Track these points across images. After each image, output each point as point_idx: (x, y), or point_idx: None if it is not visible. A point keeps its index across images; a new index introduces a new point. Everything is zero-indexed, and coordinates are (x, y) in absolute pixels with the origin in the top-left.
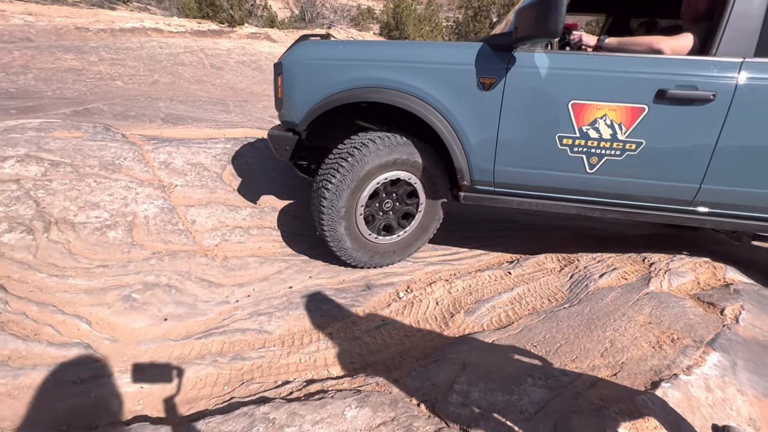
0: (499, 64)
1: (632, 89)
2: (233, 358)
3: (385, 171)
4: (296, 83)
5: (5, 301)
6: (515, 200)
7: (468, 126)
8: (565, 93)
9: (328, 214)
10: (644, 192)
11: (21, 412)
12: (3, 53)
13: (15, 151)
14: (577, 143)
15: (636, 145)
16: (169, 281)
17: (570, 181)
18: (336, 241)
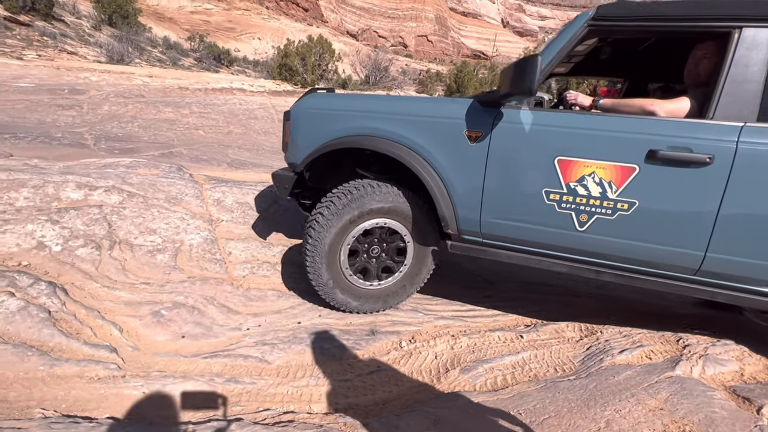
0: (485, 119)
1: (621, 148)
2: (228, 380)
3: (371, 218)
4: (300, 129)
5: (63, 302)
6: (503, 253)
7: (454, 176)
8: (551, 149)
9: (311, 255)
10: (642, 255)
11: (47, 395)
12: (120, 106)
13: (105, 182)
14: (565, 199)
15: (629, 205)
16: (195, 303)
17: (560, 238)
18: (319, 282)
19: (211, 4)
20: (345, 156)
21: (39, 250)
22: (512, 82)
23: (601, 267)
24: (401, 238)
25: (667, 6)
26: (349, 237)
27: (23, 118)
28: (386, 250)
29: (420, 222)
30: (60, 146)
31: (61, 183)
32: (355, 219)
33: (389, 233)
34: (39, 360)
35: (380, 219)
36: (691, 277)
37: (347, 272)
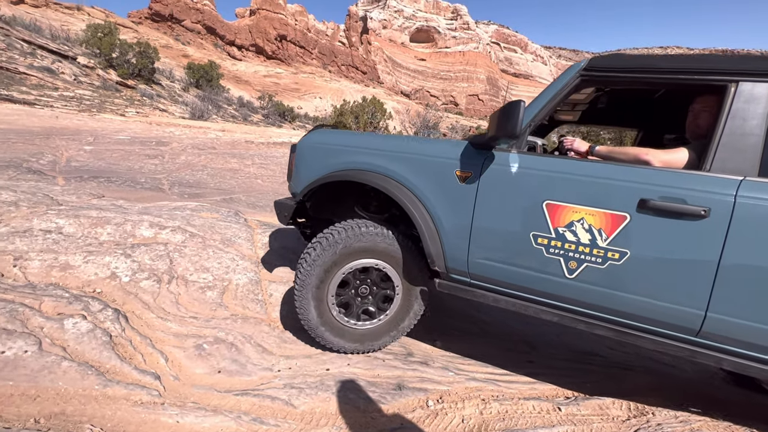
0: (476, 160)
1: (611, 195)
2: (254, 419)
3: (358, 258)
4: (302, 161)
5: (123, 328)
6: (491, 296)
7: (443, 214)
8: (539, 192)
9: (299, 292)
10: (636, 310)
11: (97, 413)
12: (194, 156)
13: (173, 223)
14: (554, 244)
15: (620, 255)
16: (234, 340)
17: (548, 284)
18: (306, 319)
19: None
20: (346, 190)
21: (111, 280)
22: (498, 125)
23: (592, 319)
24: (390, 279)
25: (663, 60)
26: (337, 275)
27: (117, 164)
28: (374, 290)
29: (408, 261)
30: (142, 189)
31: (138, 222)
32: (338, 261)
33: (378, 275)
34: (96, 379)
35: (370, 260)
36: (692, 339)
37: (334, 311)
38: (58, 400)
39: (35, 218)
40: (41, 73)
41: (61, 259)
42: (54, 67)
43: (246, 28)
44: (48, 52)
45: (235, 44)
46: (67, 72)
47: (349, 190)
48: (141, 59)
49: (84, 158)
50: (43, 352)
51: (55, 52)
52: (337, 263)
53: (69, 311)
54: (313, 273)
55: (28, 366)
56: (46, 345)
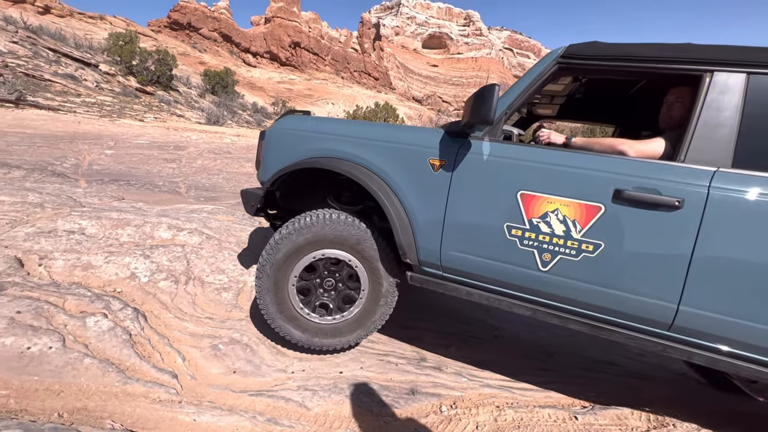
0: (449, 148)
1: (586, 186)
2: (269, 420)
3: (323, 248)
4: (270, 148)
5: (142, 327)
6: (463, 289)
7: (415, 204)
8: (514, 182)
9: (258, 281)
10: (610, 303)
11: (117, 410)
12: (210, 160)
13: (190, 225)
14: (528, 236)
15: (594, 247)
16: (249, 341)
17: (522, 277)
18: (266, 309)
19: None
20: (317, 179)
21: (131, 280)
22: (472, 110)
23: (565, 313)
24: (354, 270)
25: (640, 48)
26: (298, 266)
27: (136, 168)
28: (339, 282)
29: (378, 253)
30: (160, 192)
31: (157, 224)
32: (302, 247)
33: (341, 265)
34: (116, 376)
35: (334, 250)
36: (665, 333)
37: (297, 305)
38: (80, 395)
39: (59, 219)
40: (65, 80)
41: (83, 259)
42: (77, 74)
43: (261, 36)
44: (72, 59)
45: (250, 51)
46: (90, 79)
47: (320, 180)
48: (159, 66)
49: (105, 162)
50: (67, 349)
51: (79, 60)
52: (300, 251)
53: (91, 310)
54: (274, 259)
55: (52, 362)
56: (70, 342)
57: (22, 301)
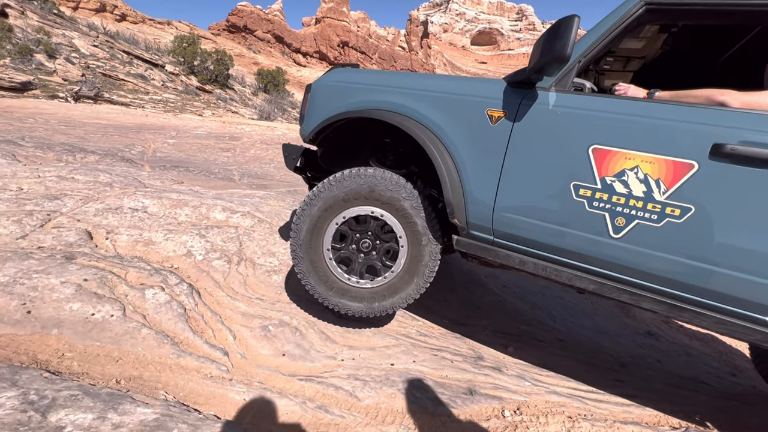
0: (511, 99)
1: (675, 139)
2: (319, 407)
3: (357, 205)
4: (316, 101)
5: (196, 303)
6: (516, 257)
7: (468, 159)
8: (585, 135)
9: (293, 242)
10: (697, 280)
11: (171, 382)
12: (262, 150)
13: (243, 208)
14: (598, 197)
15: (681, 211)
16: (298, 325)
17: (588, 244)
18: (302, 273)
19: None
20: (360, 140)
21: (187, 257)
22: (543, 48)
23: (639, 289)
24: (396, 242)
25: None
26: (332, 224)
27: (194, 156)
28: (378, 245)
29: (420, 215)
30: (215, 179)
31: (212, 206)
32: (357, 197)
33: (381, 226)
34: (171, 349)
35: (369, 207)
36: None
37: (331, 264)
38: (137, 364)
39: (125, 198)
40: (136, 80)
41: (145, 236)
42: (146, 74)
43: (311, 36)
44: (142, 61)
45: (301, 51)
46: (157, 78)
47: (364, 143)
48: (218, 66)
49: (167, 150)
50: (126, 318)
51: (148, 61)
52: (336, 207)
53: (150, 282)
54: (308, 217)
55: (113, 329)
56: (129, 312)
57: (90, 270)
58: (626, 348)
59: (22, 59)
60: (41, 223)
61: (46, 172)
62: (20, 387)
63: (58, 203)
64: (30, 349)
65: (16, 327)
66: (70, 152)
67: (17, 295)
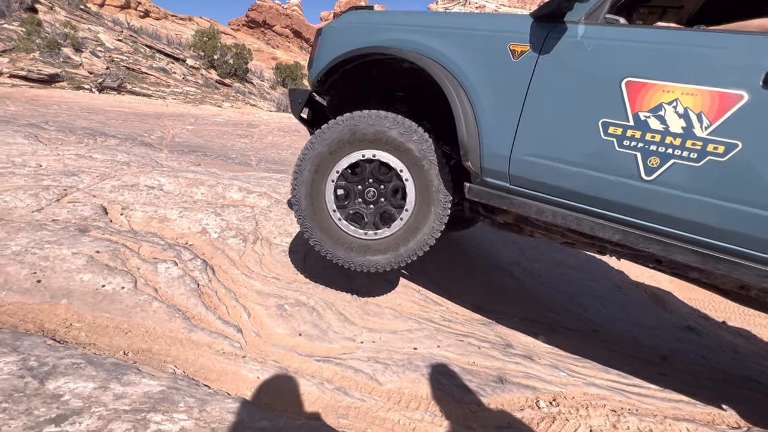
0: (537, 32)
1: (722, 68)
2: (338, 389)
3: (362, 148)
4: (325, 43)
5: (210, 279)
6: (533, 205)
7: (486, 98)
8: (619, 67)
9: (297, 214)
10: (740, 226)
11: (181, 356)
12: (280, 137)
13: (260, 189)
14: (630, 134)
15: (726, 148)
16: (315, 305)
17: (615, 188)
18: (302, 218)
19: None
20: (372, 92)
21: (202, 235)
22: None
23: (671, 239)
24: (399, 177)
25: None
26: (328, 183)
27: (212, 142)
28: (383, 192)
29: (431, 160)
30: (233, 164)
31: (228, 185)
32: (342, 146)
33: (386, 172)
34: (182, 323)
35: (358, 152)
36: None
37: (334, 214)
38: (146, 337)
39: (142, 176)
40: (158, 73)
41: (160, 212)
42: (167, 68)
43: None
44: (164, 55)
45: None
46: (178, 72)
47: (374, 94)
48: (237, 60)
49: (185, 135)
50: (138, 291)
51: (169, 55)
52: (323, 166)
53: (163, 257)
54: (310, 161)
55: (123, 301)
56: (141, 284)
57: (102, 242)
58: (665, 342)
59: (50, 53)
60: (57, 198)
61: (65, 151)
62: (21, 353)
63: (75, 179)
64: (38, 318)
65: (25, 295)
66: (90, 136)
67: (28, 264)
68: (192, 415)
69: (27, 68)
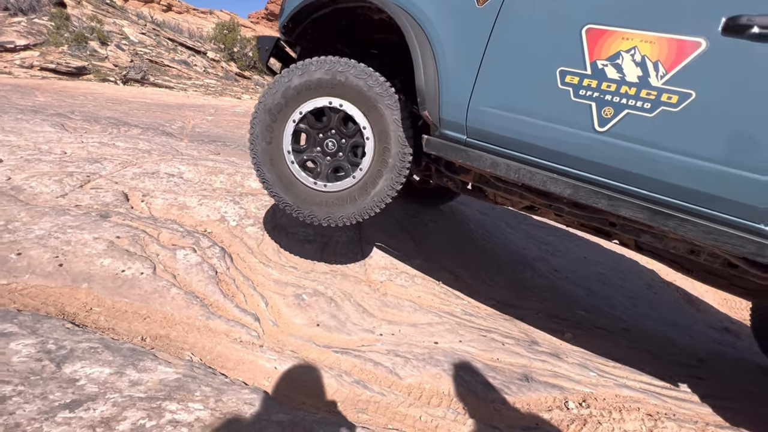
0: None
1: (684, 13)
2: (356, 382)
3: (326, 94)
4: None
5: (228, 267)
6: (488, 158)
7: (448, 45)
8: (580, 13)
9: (251, 136)
10: (687, 181)
11: (198, 343)
12: None
13: None
14: (586, 84)
15: (679, 98)
16: (333, 295)
17: (568, 139)
18: (257, 164)
19: None
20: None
21: (220, 222)
22: None
23: (618, 193)
24: (359, 128)
25: None
26: (291, 118)
27: (232, 132)
28: (342, 146)
29: (388, 109)
30: None
31: (247, 174)
32: (297, 93)
33: (345, 124)
34: (200, 310)
35: (330, 98)
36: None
37: (291, 164)
38: (164, 323)
39: (162, 163)
40: (180, 66)
41: (179, 200)
42: (189, 61)
43: None
44: (186, 48)
45: None
46: (199, 64)
47: (347, 46)
48: (257, 52)
49: (205, 126)
50: (156, 277)
51: (191, 48)
52: (297, 96)
53: (182, 244)
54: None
55: (142, 287)
56: (160, 270)
57: (122, 228)
58: (700, 343)
59: (77, 46)
60: (80, 184)
61: (89, 139)
62: (40, 335)
63: (98, 166)
64: (59, 301)
65: (47, 279)
66: (114, 125)
67: (51, 248)
68: (208, 405)
69: (56, 61)
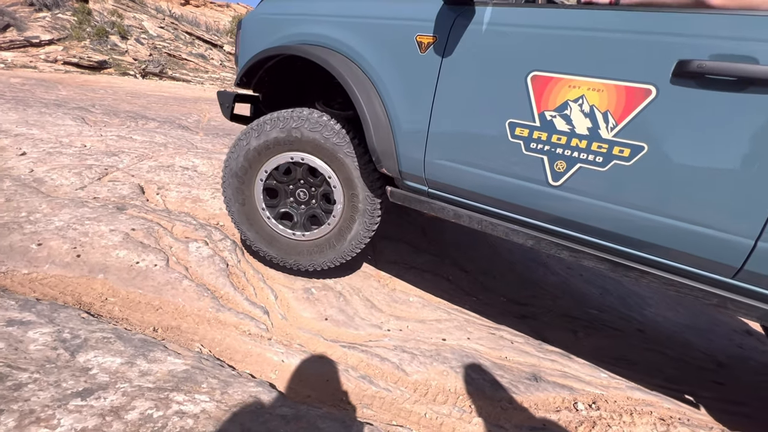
0: (444, 20)
1: (630, 58)
2: (363, 377)
3: (286, 150)
4: (246, 38)
5: (239, 260)
6: (450, 209)
7: (397, 97)
8: (524, 60)
9: (225, 199)
10: (646, 234)
11: (208, 335)
12: None
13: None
14: (536, 136)
15: (631, 151)
16: (342, 290)
17: (524, 193)
18: (237, 225)
19: None
20: (309, 83)
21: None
22: None
23: (579, 244)
24: (327, 181)
25: None
26: (258, 177)
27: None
28: (313, 194)
29: (354, 161)
30: None
31: None
32: (258, 154)
33: (312, 174)
34: (210, 302)
35: (291, 153)
36: (725, 280)
37: (268, 219)
38: (176, 314)
39: (177, 156)
40: (197, 59)
41: (193, 193)
42: (206, 54)
43: None
44: (203, 41)
45: None
46: (216, 58)
47: (311, 84)
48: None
49: (220, 119)
50: (169, 269)
51: (208, 42)
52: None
53: (194, 236)
54: (236, 164)
55: (155, 279)
56: (172, 263)
57: (138, 221)
58: (720, 346)
59: (99, 40)
60: (99, 177)
61: (107, 132)
62: (56, 324)
63: (116, 159)
64: (76, 291)
65: (65, 269)
66: (132, 118)
67: (69, 239)
68: (214, 397)
69: (78, 55)
